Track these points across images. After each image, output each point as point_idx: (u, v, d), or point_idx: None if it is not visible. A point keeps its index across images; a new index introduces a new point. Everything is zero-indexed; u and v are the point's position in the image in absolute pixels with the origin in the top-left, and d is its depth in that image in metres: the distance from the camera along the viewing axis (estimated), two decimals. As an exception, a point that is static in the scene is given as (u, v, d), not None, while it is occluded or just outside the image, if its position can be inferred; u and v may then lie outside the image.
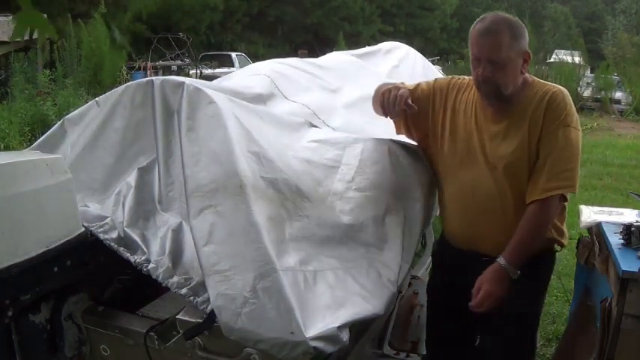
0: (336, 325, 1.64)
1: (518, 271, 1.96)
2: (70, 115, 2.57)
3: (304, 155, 2.20)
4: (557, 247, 2.18)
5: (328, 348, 1.61)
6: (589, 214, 2.74)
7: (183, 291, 1.86)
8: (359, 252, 2.01)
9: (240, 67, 17.54)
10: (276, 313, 1.62)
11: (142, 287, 2.37)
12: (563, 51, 20.03)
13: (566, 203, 2.10)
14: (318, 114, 2.64)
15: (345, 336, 1.64)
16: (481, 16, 2.05)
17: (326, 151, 2.29)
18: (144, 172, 2.24)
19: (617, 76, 17.94)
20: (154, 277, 1.93)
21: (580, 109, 16.55)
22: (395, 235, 2.15)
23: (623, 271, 2.10)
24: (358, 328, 1.83)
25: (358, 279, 1.89)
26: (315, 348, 1.58)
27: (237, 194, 1.82)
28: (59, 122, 2.56)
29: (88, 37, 12.33)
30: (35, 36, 1.47)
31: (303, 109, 2.61)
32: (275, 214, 1.88)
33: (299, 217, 1.97)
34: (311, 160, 2.20)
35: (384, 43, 5.03)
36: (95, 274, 2.24)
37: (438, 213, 2.89)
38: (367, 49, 4.53)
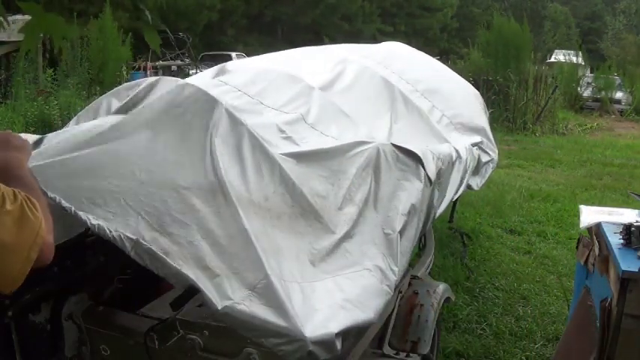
0: (335, 331, 1.64)
1: None
2: (82, 111, 2.67)
3: (300, 166, 2.21)
4: None
5: (322, 355, 1.61)
6: (589, 214, 2.74)
7: None
8: (355, 259, 2.00)
9: (240, 66, 17.51)
10: (275, 311, 1.63)
11: (141, 287, 2.37)
12: (563, 51, 20.02)
13: None
14: (313, 123, 2.65)
15: (339, 344, 1.64)
16: None
17: (321, 160, 2.30)
18: None
19: (617, 76, 17.94)
20: None
21: (580, 109, 16.58)
22: (392, 240, 2.16)
23: (623, 271, 2.10)
24: (356, 331, 1.83)
25: (355, 286, 1.89)
26: (310, 353, 1.58)
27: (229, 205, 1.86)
28: (74, 118, 2.65)
29: (97, 35, 12.24)
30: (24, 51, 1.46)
31: (297, 118, 2.63)
32: (272, 226, 1.91)
33: (295, 228, 1.98)
34: (306, 171, 2.21)
35: (384, 42, 5.04)
36: (95, 274, 2.24)
37: (438, 214, 2.89)
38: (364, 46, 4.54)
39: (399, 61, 4.12)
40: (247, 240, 1.78)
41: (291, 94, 2.78)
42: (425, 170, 2.49)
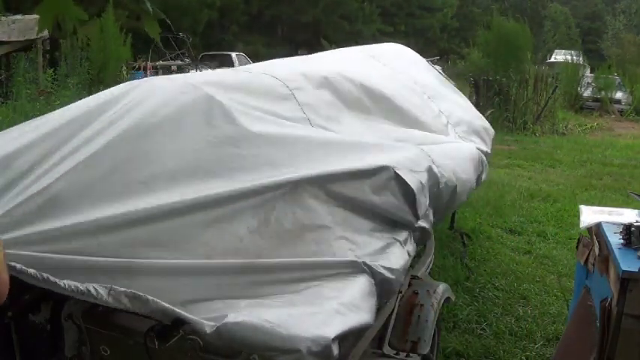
0: (331, 337, 1.63)
1: None
2: None
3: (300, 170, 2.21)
4: None
5: None
6: (589, 214, 2.74)
7: None
8: (349, 262, 2.00)
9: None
10: (267, 325, 1.63)
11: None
12: (563, 51, 20.04)
13: None
14: (317, 117, 2.65)
15: (336, 350, 1.64)
16: None
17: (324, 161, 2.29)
18: None
19: (617, 76, 17.94)
20: None
21: (580, 109, 16.58)
22: (388, 244, 2.17)
23: (623, 271, 2.10)
24: (354, 335, 1.83)
25: (349, 289, 1.88)
26: None
27: None
28: None
29: (97, 35, 12.22)
30: (40, 35, 1.47)
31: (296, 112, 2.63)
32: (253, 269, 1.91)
33: (279, 253, 1.98)
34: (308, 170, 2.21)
35: (383, 44, 5.04)
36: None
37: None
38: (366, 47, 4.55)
39: (405, 62, 4.16)
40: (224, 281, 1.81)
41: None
42: (414, 207, 2.42)
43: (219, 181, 2.05)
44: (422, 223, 2.43)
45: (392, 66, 3.97)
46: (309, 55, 3.98)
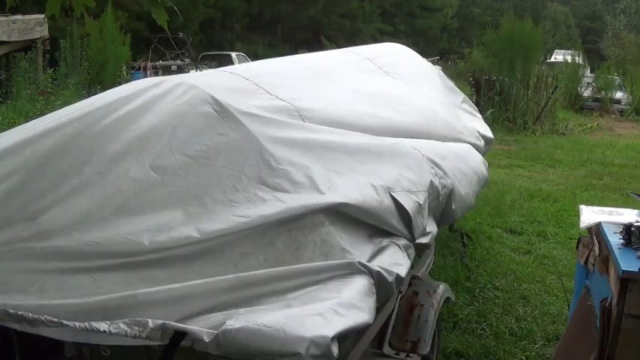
0: (330, 336, 1.62)
1: None
2: None
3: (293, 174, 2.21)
4: None
5: None
6: (589, 214, 2.74)
7: None
8: (345, 264, 2.00)
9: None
10: (266, 328, 1.63)
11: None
12: (563, 51, 20.06)
13: None
14: (302, 113, 2.66)
15: (335, 350, 1.64)
16: None
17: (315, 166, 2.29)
18: None
19: (617, 76, 17.95)
20: None
21: (580, 109, 16.57)
22: (386, 246, 2.18)
23: (623, 271, 2.10)
24: (353, 334, 1.82)
25: (347, 290, 1.87)
26: None
27: None
28: None
29: (97, 35, 12.23)
30: (40, 35, 1.47)
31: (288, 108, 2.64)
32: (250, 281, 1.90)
33: (277, 262, 1.97)
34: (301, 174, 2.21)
35: (383, 44, 5.05)
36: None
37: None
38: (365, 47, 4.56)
39: (404, 63, 4.18)
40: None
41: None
42: (410, 229, 2.41)
43: (222, 212, 2.01)
44: (420, 240, 2.42)
45: (389, 68, 3.97)
46: (302, 59, 3.96)
